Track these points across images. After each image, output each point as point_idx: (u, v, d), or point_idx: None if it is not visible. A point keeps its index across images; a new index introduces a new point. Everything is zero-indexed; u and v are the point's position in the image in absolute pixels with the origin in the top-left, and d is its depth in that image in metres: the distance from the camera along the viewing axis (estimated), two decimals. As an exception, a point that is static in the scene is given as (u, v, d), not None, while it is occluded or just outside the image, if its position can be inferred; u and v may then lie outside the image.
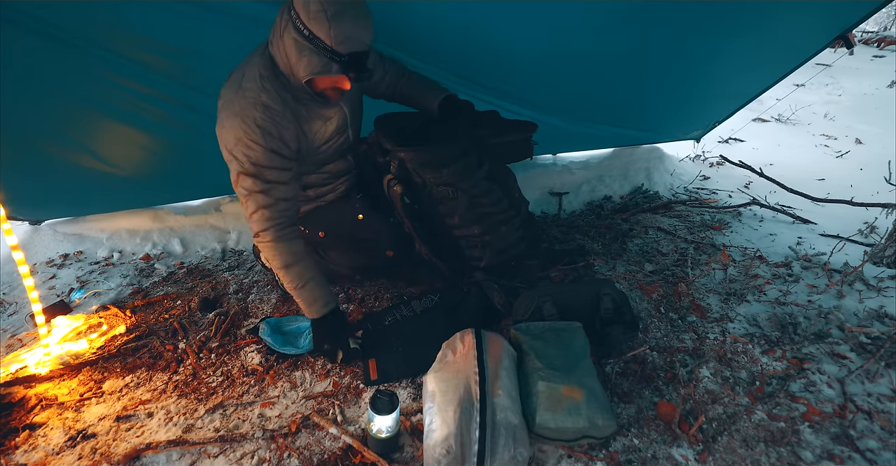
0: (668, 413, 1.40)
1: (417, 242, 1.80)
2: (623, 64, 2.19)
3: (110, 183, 2.22)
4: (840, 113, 4.51)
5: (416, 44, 1.84)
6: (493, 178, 1.76)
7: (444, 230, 1.79)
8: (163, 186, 2.40)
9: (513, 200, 1.84)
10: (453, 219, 1.74)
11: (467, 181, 1.68)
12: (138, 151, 2.11)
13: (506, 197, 1.79)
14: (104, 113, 1.87)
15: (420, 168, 1.67)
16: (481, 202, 1.71)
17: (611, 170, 3.01)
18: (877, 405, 1.43)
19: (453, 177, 1.66)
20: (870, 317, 1.77)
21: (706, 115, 2.97)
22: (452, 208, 1.71)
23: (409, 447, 1.32)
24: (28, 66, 1.62)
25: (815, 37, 2.22)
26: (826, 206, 2.77)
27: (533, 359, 1.38)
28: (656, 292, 1.94)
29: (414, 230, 1.77)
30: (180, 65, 1.75)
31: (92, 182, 2.20)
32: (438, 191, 1.69)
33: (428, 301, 1.80)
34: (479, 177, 1.70)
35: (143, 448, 1.33)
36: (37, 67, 1.64)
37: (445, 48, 1.90)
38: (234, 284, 2.11)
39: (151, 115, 1.91)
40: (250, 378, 1.59)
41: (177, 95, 1.86)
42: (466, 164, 1.67)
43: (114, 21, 1.57)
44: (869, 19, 2.18)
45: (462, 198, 1.68)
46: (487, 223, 1.74)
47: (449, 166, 1.65)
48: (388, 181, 1.73)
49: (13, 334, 1.85)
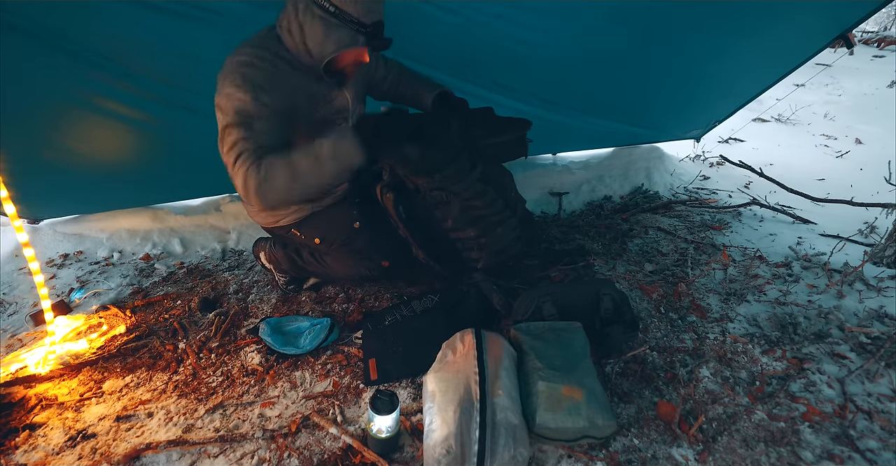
0: (668, 413, 1.40)
1: (414, 247, 1.80)
2: (625, 61, 2.21)
3: (111, 181, 2.23)
4: (840, 113, 4.52)
5: (415, 42, 1.84)
6: (487, 180, 1.75)
7: (440, 234, 1.78)
8: (162, 186, 2.41)
9: (508, 200, 1.84)
10: (448, 222, 1.73)
11: (460, 184, 1.67)
12: (137, 151, 2.12)
13: (500, 197, 1.78)
14: (102, 115, 1.89)
15: (412, 175, 1.67)
16: (475, 204, 1.70)
17: (611, 170, 3.01)
18: (877, 405, 1.43)
19: (446, 182, 1.65)
20: (870, 317, 1.77)
21: (706, 113, 2.98)
22: (447, 212, 1.71)
23: (409, 447, 1.32)
24: (27, 70, 1.64)
25: (815, 36, 2.23)
26: (826, 206, 2.77)
27: (533, 359, 1.38)
28: (656, 292, 1.94)
29: (409, 235, 1.76)
30: (175, 68, 1.77)
31: (92, 181, 2.21)
32: (432, 195, 1.68)
33: (428, 301, 1.79)
34: (472, 179, 1.70)
35: (143, 448, 1.33)
36: (35, 70, 1.66)
37: (445, 44, 1.91)
38: (234, 284, 2.11)
39: (147, 118, 1.93)
40: (250, 378, 1.59)
41: (173, 98, 1.87)
42: (458, 168, 1.66)
43: (109, 25, 1.59)
44: (869, 19, 2.18)
45: (455, 202, 1.68)
46: (482, 225, 1.74)
47: (441, 171, 1.64)
48: (380, 188, 1.72)
49: (13, 334, 1.85)
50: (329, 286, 2.04)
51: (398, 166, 1.66)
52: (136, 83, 1.79)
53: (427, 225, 1.76)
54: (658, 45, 2.13)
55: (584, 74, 2.26)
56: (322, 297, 1.99)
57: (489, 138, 1.72)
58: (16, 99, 1.71)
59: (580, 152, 3.14)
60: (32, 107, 1.79)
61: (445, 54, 2.00)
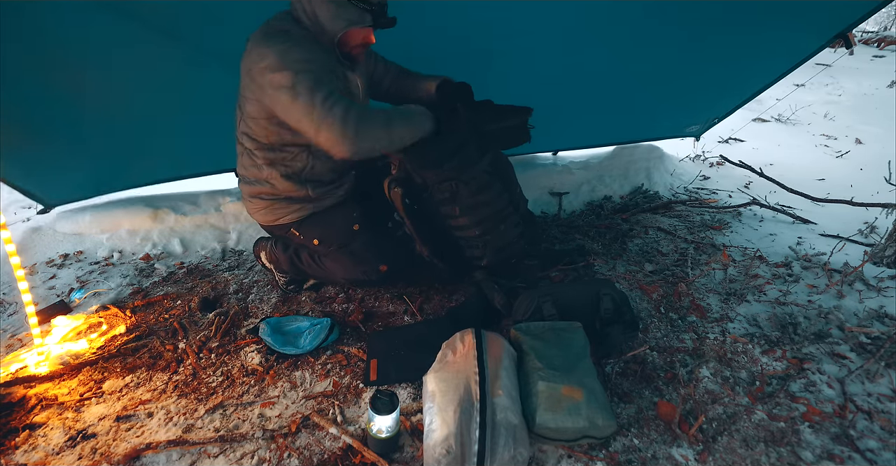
0: (668, 413, 1.40)
1: (418, 243, 1.80)
2: (622, 55, 2.22)
3: (133, 153, 2.25)
4: (840, 113, 4.52)
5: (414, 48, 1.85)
6: (495, 172, 1.77)
7: (444, 231, 1.79)
8: (180, 160, 2.41)
9: (513, 196, 1.85)
10: (454, 219, 1.74)
11: (468, 172, 1.68)
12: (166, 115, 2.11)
13: (506, 191, 1.80)
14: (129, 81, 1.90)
15: (420, 167, 1.67)
16: (481, 199, 1.71)
17: (611, 170, 3.00)
18: (877, 405, 1.43)
19: (455, 171, 1.66)
20: (870, 317, 1.77)
21: (704, 107, 2.96)
22: (453, 210, 1.71)
23: (409, 447, 1.32)
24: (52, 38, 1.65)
25: (814, 35, 2.23)
26: (826, 206, 2.77)
27: (533, 359, 1.38)
28: (656, 292, 1.94)
29: (415, 230, 1.77)
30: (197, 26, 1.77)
31: (111, 155, 2.22)
32: (441, 189, 1.68)
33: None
34: (480, 169, 1.71)
35: (143, 448, 1.33)
36: (51, 39, 1.66)
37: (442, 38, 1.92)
38: (234, 284, 2.11)
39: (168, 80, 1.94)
40: (250, 378, 1.59)
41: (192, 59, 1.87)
42: (467, 156, 1.67)
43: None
44: (869, 19, 2.18)
45: (463, 191, 1.68)
46: (488, 223, 1.74)
47: (450, 160, 1.65)
48: (388, 183, 1.73)
49: (13, 334, 1.85)
50: (329, 286, 2.04)
51: (408, 159, 1.67)
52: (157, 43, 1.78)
53: (432, 222, 1.77)
54: (657, 39, 2.14)
55: (580, 66, 2.26)
56: (322, 297, 1.99)
57: (494, 123, 1.75)
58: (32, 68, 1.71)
59: (580, 152, 3.14)
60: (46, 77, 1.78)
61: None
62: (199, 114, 2.04)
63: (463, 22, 1.89)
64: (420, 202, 1.73)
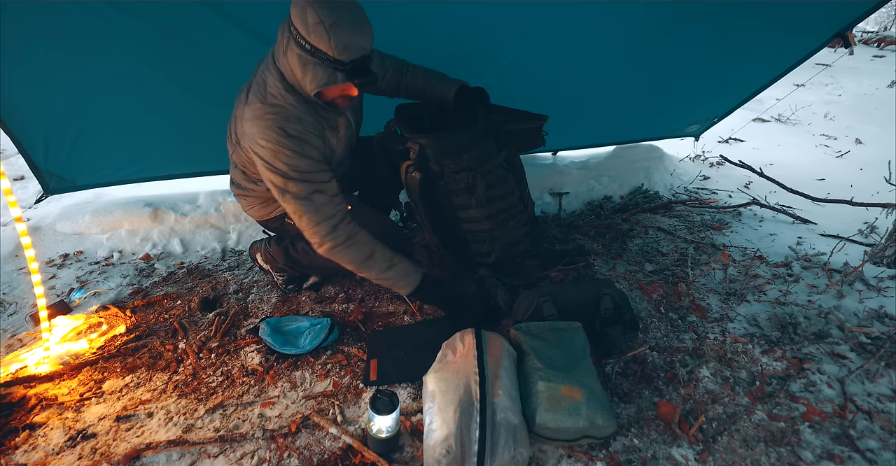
0: (668, 413, 1.40)
1: (427, 232, 1.81)
2: (621, 53, 2.22)
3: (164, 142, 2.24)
4: (840, 113, 4.52)
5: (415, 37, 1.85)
6: (510, 167, 1.79)
7: (451, 223, 1.79)
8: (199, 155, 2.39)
9: (523, 194, 1.86)
10: (465, 211, 1.74)
11: (485, 166, 1.69)
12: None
13: (518, 188, 1.81)
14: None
15: (441, 154, 1.67)
16: (495, 193, 1.72)
17: (611, 169, 3.01)
18: (877, 405, 1.43)
19: (473, 162, 1.67)
20: (870, 317, 1.77)
21: (704, 106, 2.96)
22: (466, 201, 1.72)
23: (409, 447, 1.32)
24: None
25: (813, 34, 2.23)
26: (826, 206, 2.77)
27: (533, 359, 1.38)
28: (656, 292, 1.94)
29: (426, 217, 1.78)
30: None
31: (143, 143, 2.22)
32: (457, 178, 1.69)
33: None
34: (496, 163, 1.72)
35: (143, 448, 1.33)
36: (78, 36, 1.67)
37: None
38: (234, 284, 2.11)
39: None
40: (250, 378, 1.59)
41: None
42: (485, 149, 1.69)
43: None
44: (869, 19, 2.19)
45: (480, 183, 1.69)
46: (498, 218, 1.76)
47: (469, 151, 1.66)
48: (406, 167, 1.73)
49: (13, 334, 1.85)
50: (329, 286, 2.04)
51: (428, 145, 1.67)
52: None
53: (443, 212, 1.78)
54: (655, 38, 2.14)
55: (580, 65, 2.27)
56: (322, 297, 1.99)
57: (513, 124, 1.78)
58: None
59: (580, 152, 3.14)
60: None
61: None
62: (199, 113, 2.04)
63: (463, 22, 1.90)
64: (434, 190, 1.74)
